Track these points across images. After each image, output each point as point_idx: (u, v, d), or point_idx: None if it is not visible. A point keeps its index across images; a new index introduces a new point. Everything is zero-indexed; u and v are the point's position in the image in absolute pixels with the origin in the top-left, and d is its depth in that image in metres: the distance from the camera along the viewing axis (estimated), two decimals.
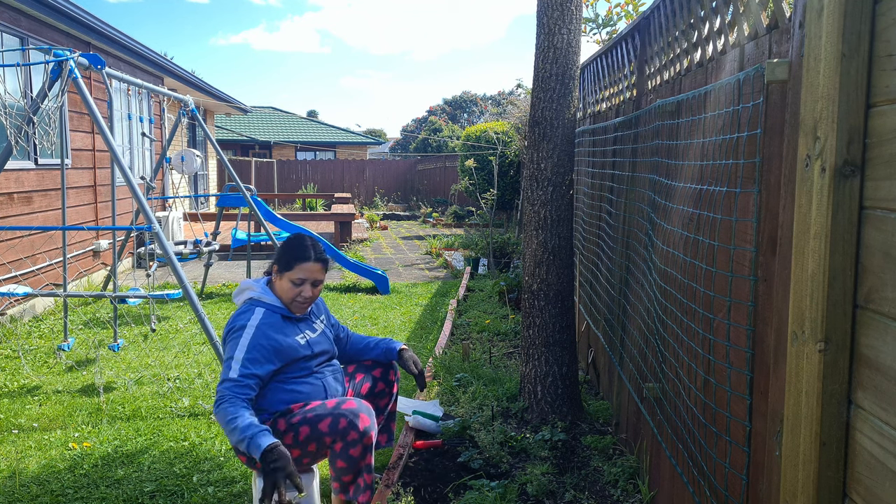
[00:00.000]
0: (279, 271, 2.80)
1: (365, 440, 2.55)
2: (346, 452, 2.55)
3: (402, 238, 14.29)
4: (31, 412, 4.11)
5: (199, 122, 6.93)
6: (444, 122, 33.10)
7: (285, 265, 2.78)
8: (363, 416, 2.56)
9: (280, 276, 2.79)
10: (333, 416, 2.57)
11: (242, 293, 2.84)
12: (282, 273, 2.78)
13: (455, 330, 5.91)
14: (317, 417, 2.59)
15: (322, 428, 2.57)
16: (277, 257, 2.82)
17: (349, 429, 2.54)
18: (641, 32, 3.35)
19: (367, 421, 2.56)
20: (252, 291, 2.80)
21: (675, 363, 2.48)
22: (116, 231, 5.59)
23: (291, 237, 2.90)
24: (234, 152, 25.86)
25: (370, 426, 2.56)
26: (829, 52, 1.29)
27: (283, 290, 2.78)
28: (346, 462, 2.56)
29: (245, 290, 2.84)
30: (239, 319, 2.70)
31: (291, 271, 2.77)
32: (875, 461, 1.23)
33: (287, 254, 2.79)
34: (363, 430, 2.54)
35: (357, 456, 2.55)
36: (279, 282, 2.79)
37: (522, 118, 10.08)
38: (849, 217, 1.29)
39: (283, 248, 2.83)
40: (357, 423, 2.54)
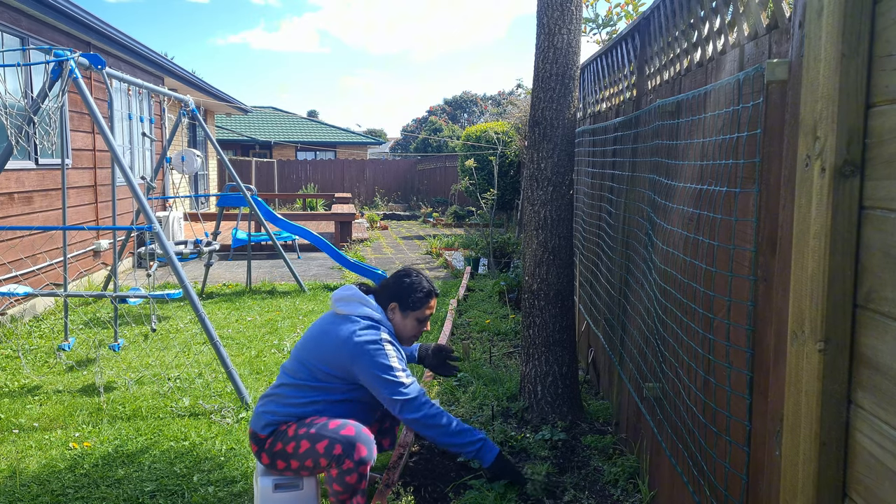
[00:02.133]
0: (402, 308, 2.85)
1: (360, 469, 2.54)
2: (342, 479, 2.55)
3: (402, 238, 14.29)
4: (31, 412, 4.11)
5: (199, 122, 6.94)
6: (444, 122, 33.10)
7: (414, 304, 2.85)
8: (360, 445, 2.54)
9: (404, 314, 2.85)
10: (331, 439, 2.56)
11: (353, 303, 2.80)
12: (407, 311, 2.85)
13: (455, 330, 5.91)
14: (317, 436, 2.59)
15: (319, 448, 2.57)
16: (400, 295, 2.85)
17: (344, 457, 2.53)
18: (641, 32, 3.35)
19: (364, 451, 2.54)
20: (370, 310, 2.79)
21: (675, 363, 2.48)
22: (117, 231, 5.60)
23: (402, 275, 2.91)
24: (235, 152, 25.86)
25: (367, 456, 2.55)
26: (829, 52, 1.29)
27: (405, 327, 2.87)
28: (342, 486, 2.57)
29: (357, 301, 2.80)
30: (367, 334, 2.68)
31: (420, 310, 2.86)
32: (875, 461, 1.23)
33: (410, 294, 2.85)
34: (358, 460, 2.53)
35: (353, 483, 2.56)
36: (400, 320, 2.86)
37: (522, 118, 10.08)
38: (849, 217, 1.29)
39: (403, 287, 2.87)
40: (352, 453, 2.53)
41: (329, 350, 2.71)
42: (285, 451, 2.63)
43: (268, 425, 2.70)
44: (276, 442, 2.66)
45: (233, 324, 6.36)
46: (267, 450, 2.69)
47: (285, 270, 9.12)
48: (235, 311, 6.88)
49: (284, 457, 2.64)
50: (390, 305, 2.87)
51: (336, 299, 2.85)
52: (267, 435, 2.70)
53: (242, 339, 5.82)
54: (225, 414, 4.06)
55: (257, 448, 2.73)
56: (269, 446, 2.68)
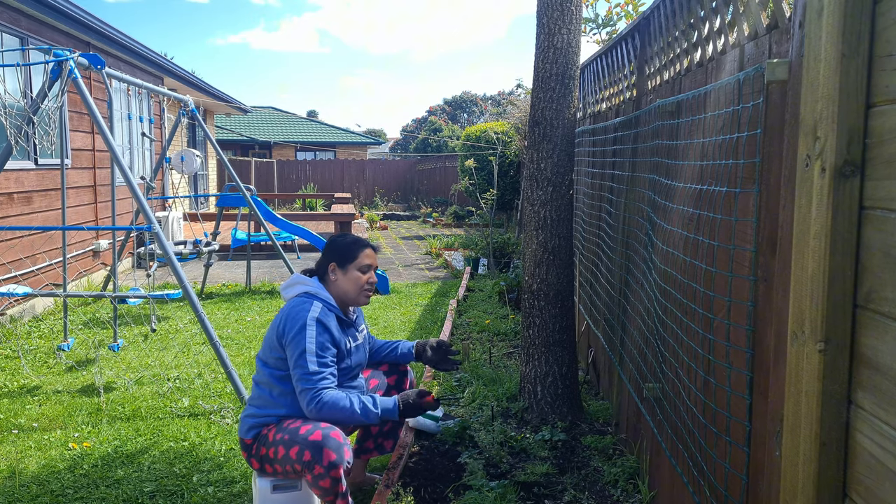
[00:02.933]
0: (341, 265, 2.82)
1: (332, 473, 2.48)
2: (317, 483, 2.52)
3: (401, 238, 14.29)
4: (31, 412, 4.11)
5: (198, 122, 6.93)
6: (444, 122, 33.11)
7: (348, 257, 2.83)
8: (327, 450, 2.47)
9: (344, 269, 2.82)
10: (300, 445, 2.52)
11: (294, 286, 2.82)
12: (345, 265, 2.82)
13: (455, 330, 5.91)
14: (289, 441, 2.56)
15: (291, 454, 2.55)
16: (335, 254, 2.84)
17: (313, 463, 2.48)
18: (641, 32, 3.35)
19: (333, 455, 2.47)
20: (307, 286, 2.79)
21: (675, 363, 2.48)
22: (116, 231, 5.59)
23: (333, 237, 2.95)
24: (234, 152, 25.86)
25: (337, 460, 2.48)
26: (829, 52, 1.29)
27: (348, 283, 2.81)
28: (320, 490, 2.55)
29: (297, 283, 2.82)
30: (297, 310, 2.67)
31: (357, 259, 2.82)
32: (875, 461, 1.23)
33: (344, 248, 2.85)
34: (328, 465, 2.47)
35: (328, 487, 2.51)
36: (342, 277, 2.82)
37: (522, 118, 10.08)
38: (849, 217, 1.29)
39: (335, 246, 2.87)
40: (321, 459, 2.47)
41: (272, 334, 2.73)
42: (268, 455, 2.63)
43: (251, 429, 2.70)
44: (261, 447, 2.66)
45: (232, 324, 6.36)
46: (254, 455, 2.69)
47: (285, 271, 9.12)
48: (235, 312, 6.88)
49: (269, 461, 2.64)
50: (329, 268, 2.83)
51: (281, 290, 2.88)
52: (252, 439, 2.70)
53: (242, 339, 5.82)
54: (224, 414, 4.06)
55: (246, 454, 2.73)
56: (256, 451, 2.68)
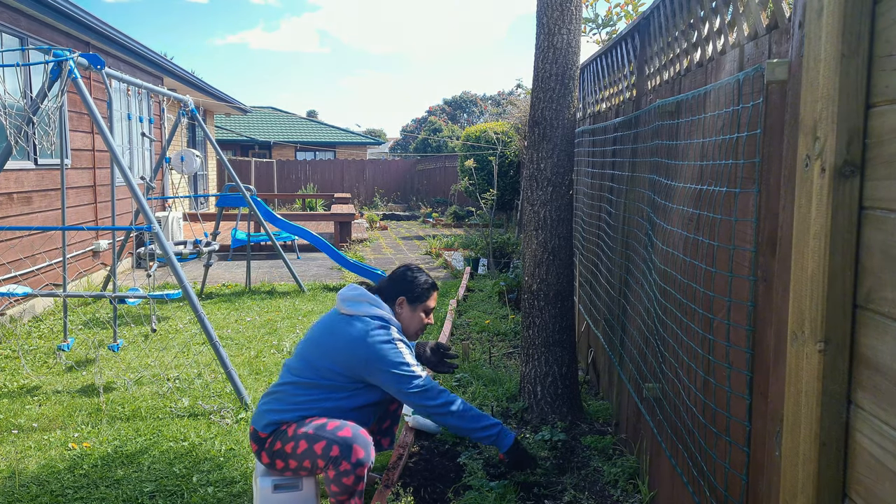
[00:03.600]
0: (410, 302, 2.93)
1: (358, 471, 2.54)
2: (339, 480, 2.55)
3: (401, 238, 14.29)
4: (30, 412, 4.11)
5: (198, 122, 6.93)
6: (443, 122, 33.10)
7: (420, 296, 2.94)
8: (356, 447, 2.55)
9: (413, 306, 2.93)
10: (328, 441, 2.57)
11: (363, 304, 2.82)
12: (415, 304, 2.93)
13: (455, 330, 5.91)
14: (315, 437, 2.59)
15: (316, 449, 2.58)
16: (408, 290, 2.93)
17: (341, 458, 2.54)
18: (641, 32, 3.35)
19: (361, 453, 2.55)
20: (379, 309, 2.82)
21: (675, 363, 2.48)
22: (116, 231, 5.59)
23: (405, 270, 3.01)
24: (234, 152, 25.85)
25: (364, 458, 2.55)
26: (828, 52, 1.29)
27: (412, 321, 2.94)
28: (339, 487, 2.57)
29: (367, 301, 2.83)
30: (381, 334, 2.73)
31: (426, 302, 2.95)
32: (875, 461, 1.23)
33: (417, 286, 2.95)
34: (355, 462, 2.54)
35: (350, 484, 2.56)
36: (409, 313, 2.93)
37: (522, 118, 10.07)
38: (849, 217, 1.29)
39: (408, 280, 2.95)
40: (349, 455, 2.54)
41: (339, 350, 2.72)
42: (284, 450, 2.63)
43: (269, 424, 2.70)
44: (276, 441, 2.66)
45: (232, 324, 6.36)
46: (267, 449, 2.69)
47: (285, 271, 9.12)
48: (235, 312, 6.88)
49: (283, 456, 2.64)
50: (398, 300, 2.93)
51: (343, 299, 2.86)
52: (268, 434, 2.70)
53: (242, 339, 5.82)
54: (224, 414, 4.06)
55: (257, 447, 2.73)
56: (269, 445, 2.68)
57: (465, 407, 2.77)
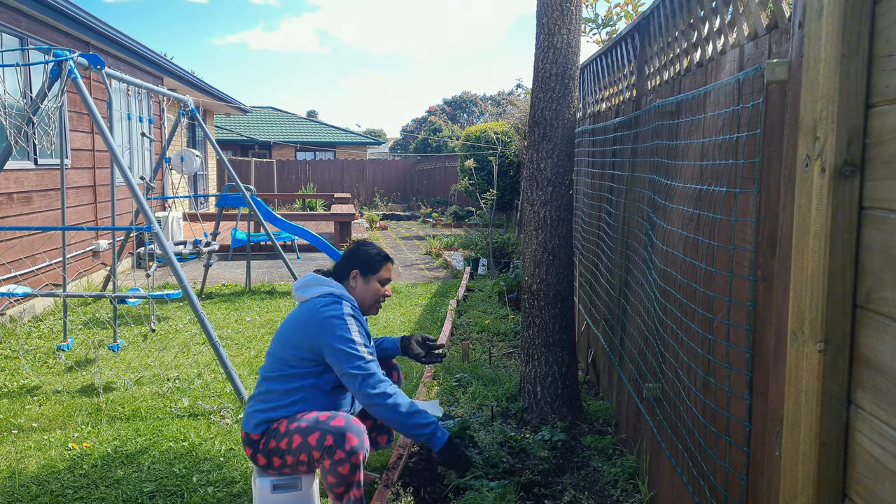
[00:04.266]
0: (364, 274, 2.93)
1: (353, 459, 2.54)
2: (335, 469, 2.55)
3: (401, 238, 14.29)
4: (30, 412, 4.11)
5: (198, 122, 6.93)
6: (443, 122, 33.09)
7: (372, 267, 2.94)
8: (349, 435, 2.54)
9: (366, 278, 2.93)
10: (321, 431, 2.57)
11: (313, 286, 2.84)
12: (368, 275, 2.93)
13: (455, 330, 5.91)
14: (308, 429, 2.59)
15: (311, 441, 2.57)
16: (360, 263, 2.94)
17: (335, 447, 2.53)
18: (641, 32, 3.35)
19: (355, 440, 2.54)
20: (329, 287, 2.83)
21: (675, 363, 2.48)
22: (116, 231, 5.59)
23: (357, 245, 3.02)
24: (234, 152, 25.85)
25: (357, 445, 2.54)
26: (828, 52, 1.29)
27: (368, 292, 2.93)
28: (336, 478, 2.56)
29: (317, 283, 2.85)
30: (331, 309, 2.72)
31: (380, 272, 2.95)
32: (875, 461, 1.23)
33: (370, 257, 2.96)
34: (349, 450, 2.53)
35: (346, 473, 2.55)
36: (363, 285, 2.93)
37: (522, 118, 10.07)
38: (849, 217, 1.29)
39: (360, 254, 2.96)
40: (343, 443, 2.53)
41: (296, 332, 2.75)
42: (279, 447, 2.64)
43: (260, 424, 2.70)
44: (270, 440, 2.67)
45: (232, 324, 6.36)
46: (262, 450, 2.69)
47: (284, 271, 9.12)
48: (235, 312, 6.88)
49: (279, 453, 2.64)
50: (351, 274, 2.93)
51: (296, 289, 2.90)
52: (260, 434, 2.70)
53: (242, 339, 5.82)
54: (224, 414, 4.06)
55: (252, 450, 2.73)
56: (264, 446, 2.68)
57: (401, 401, 2.71)
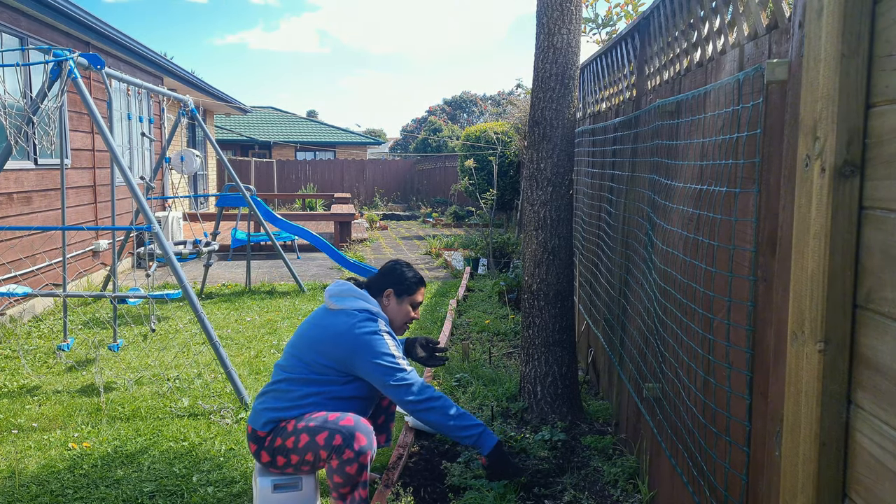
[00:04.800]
0: (398, 294, 2.96)
1: (361, 459, 2.55)
2: (343, 469, 2.56)
3: (401, 238, 14.29)
4: (30, 412, 4.11)
5: (198, 122, 6.93)
6: (443, 122, 33.08)
7: (407, 289, 2.97)
8: (359, 434, 2.56)
9: (400, 299, 2.96)
10: (330, 430, 2.58)
11: (350, 298, 2.85)
12: (402, 297, 2.96)
13: (455, 330, 5.91)
14: (316, 428, 2.60)
15: (319, 440, 2.58)
16: (396, 283, 2.96)
17: (344, 447, 2.55)
18: (641, 32, 3.35)
19: (364, 440, 2.56)
20: (366, 303, 2.85)
21: (675, 363, 2.48)
22: (116, 231, 5.59)
23: (395, 265, 3.04)
24: (234, 152, 25.85)
25: (366, 445, 2.56)
26: (828, 53, 1.29)
27: (398, 313, 2.97)
28: (343, 478, 2.57)
29: (354, 296, 2.86)
30: (367, 326, 2.75)
31: (414, 295, 2.99)
32: (875, 461, 1.23)
33: (405, 279, 2.98)
34: (358, 450, 2.55)
35: (353, 473, 2.57)
36: (395, 306, 2.96)
37: (522, 118, 10.08)
38: (849, 217, 1.29)
39: (396, 274, 2.99)
40: (352, 443, 2.55)
41: (326, 342, 2.75)
42: (285, 446, 2.64)
43: (269, 422, 2.70)
44: (276, 438, 2.67)
45: (232, 324, 6.36)
46: (267, 447, 2.69)
47: (284, 271, 9.12)
48: (235, 312, 6.88)
49: (285, 452, 2.65)
50: (385, 293, 2.96)
51: (330, 295, 2.89)
52: (267, 432, 2.70)
53: (242, 339, 5.82)
54: (224, 414, 4.06)
55: (256, 447, 2.73)
56: (269, 443, 2.68)
57: (448, 404, 2.78)
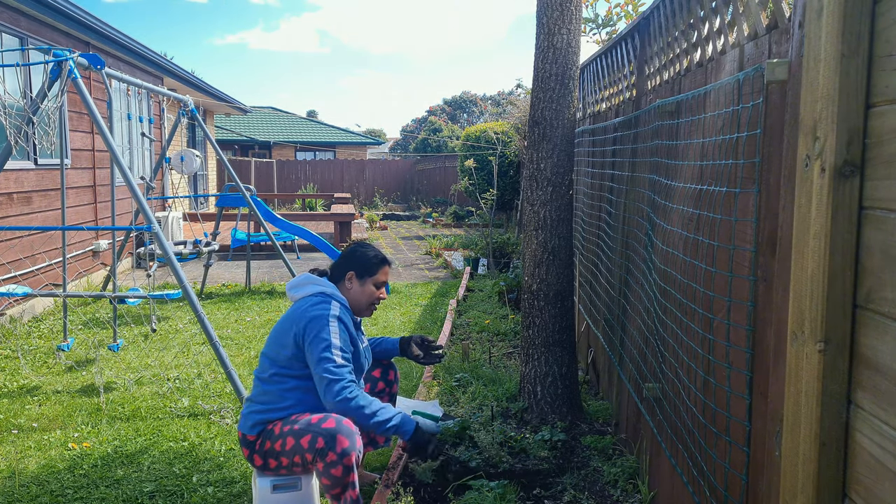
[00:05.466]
0: (360, 276, 2.90)
1: (345, 461, 2.52)
2: (328, 472, 2.54)
3: (401, 238, 14.29)
4: (30, 412, 4.11)
5: (198, 122, 6.93)
6: (443, 122, 33.08)
7: (369, 270, 2.91)
8: (340, 437, 2.52)
9: (362, 280, 2.91)
10: (312, 433, 2.56)
11: (305, 286, 2.84)
12: (364, 278, 2.91)
13: (455, 330, 5.91)
14: (300, 431, 2.59)
15: (303, 443, 2.57)
16: (356, 264, 2.91)
17: (326, 450, 2.52)
18: (641, 32, 3.35)
19: (346, 442, 2.52)
20: (321, 287, 2.82)
21: (675, 363, 2.48)
22: (116, 231, 5.59)
23: (356, 246, 2.99)
24: (234, 152, 25.85)
25: (349, 447, 2.52)
26: (828, 53, 1.29)
27: (362, 294, 2.91)
28: (330, 480, 2.56)
29: (309, 283, 2.85)
30: (318, 309, 2.71)
31: (376, 275, 2.92)
32: (875, 461, 1.23)
33: (367, 260, 2.93)
34: (341, 452, 2.51)
35: (340, 475, 2.54)
36: (358, 287, 2.91)
37: (522, 118, 10.08)
38: (848, 217, 1.29)
39: (358, 255, 2.94)
40: (334, 445, 2.51)
41: (283, 331, 2.74)
42: (274, 448, 2.64)
43: (255, 425, 2.70)
44: (265, 441, 2.67)
45: (232, 324, 6.36)
46: (258, 451, 2.69)
47: (284, 271, 9.12)
48: (235, 312, 6.88)
49: (275, 455, 2.64)
50: (347, 275, 2.91)
51: (289, 288, 2.90)
52: (256, 435, 2.70)
53: (242, 339, 5.82)
54: (224, 414, 4.06)
55: (248, 451, 2.73)
56: (260, 447, 2.68)
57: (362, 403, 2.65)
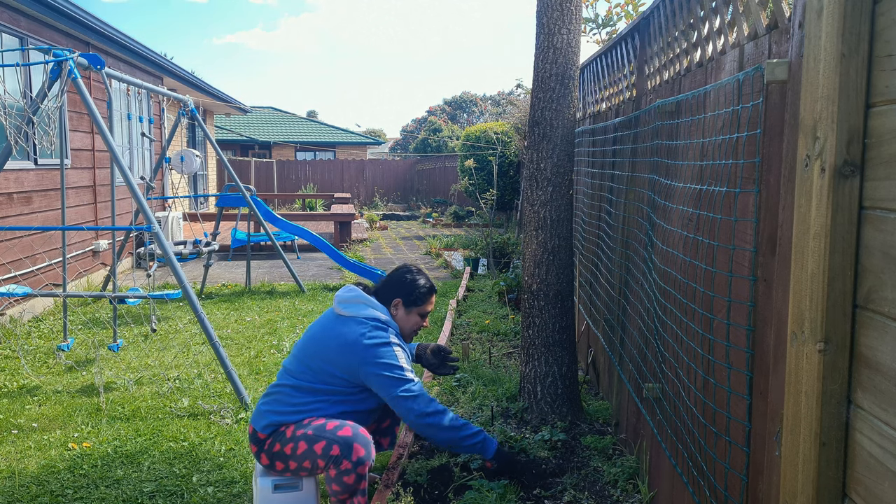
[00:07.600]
0: (406, 304, 2.91)
1: (359, 469, 2.55)
2: (340, 479, 2.56)
3: (401, 238, 14.29)
4: (30, 412, 4.11)
5: (198, 122, 6.93)
6: (443, 122, 33.06)
7: (417, 300, 2.92)
8: (357, 446, 2.55)
9: (408, 309, 2.92)
10: (328, 440, 2.57)
11: (361, 305, 2.83)
12: (411, 307, 2.92)
13: (455, 330, 5.90)
14: (314, 437, 2.60)
15: (316, 449, 2.58)
16: (405, 293, 2.91)
17: (342, 458, 2.54)
18: (641, 32, 3.35)
19: (362, 451, 2.55)
20: (378, 313, 2.83)
21: (675, 363, 2.48)
22: (116, 231, 5.59)
23: (405, 273, 2.98)
24: (234, 152, 25.84)
25: (364, 456, 2.55)
26: (828, 53, 1.29)
27: (407, 322, 2.93)
28: (341, 487, 2.57)
29: (365, 303, 2.84)
30: (376, 337, 2.72)
31: (423, 305, 2.94)
32: (875, 461, 1.23)
33: (416, 289, 2.93)
34: (356, 461, 2.54)
35: (352, 483, 2.57)
36: (404, 315, 2.92)
37: (522, 118, 10.08)
38: (848, 217, 1.29)
39: (407, 283, 2.93)
40: (350, 454, 2.54)
41: (336, 352, 2.72)
42: (283, 452, 2.63)
43: (269, 425, 2.70)
44: (275, 443, 2.66)
45: (232, 324, 6.36)
46: (266, 450, 2.69)
47: (284, 271, 9.12)
48: (235, 312, 6.88)
49: (283, 458, 2.64)
50: (394, 302, 2.92)
51: (339, 300, 2.86)
52: (267, 435, 2.70)
53: (242, 339, 5.82)
54: (224, 414, 4.06)
55: (257, 448, 2.73)
56: (269, 447, 2.68)
57: (449, 417, 2.77)
